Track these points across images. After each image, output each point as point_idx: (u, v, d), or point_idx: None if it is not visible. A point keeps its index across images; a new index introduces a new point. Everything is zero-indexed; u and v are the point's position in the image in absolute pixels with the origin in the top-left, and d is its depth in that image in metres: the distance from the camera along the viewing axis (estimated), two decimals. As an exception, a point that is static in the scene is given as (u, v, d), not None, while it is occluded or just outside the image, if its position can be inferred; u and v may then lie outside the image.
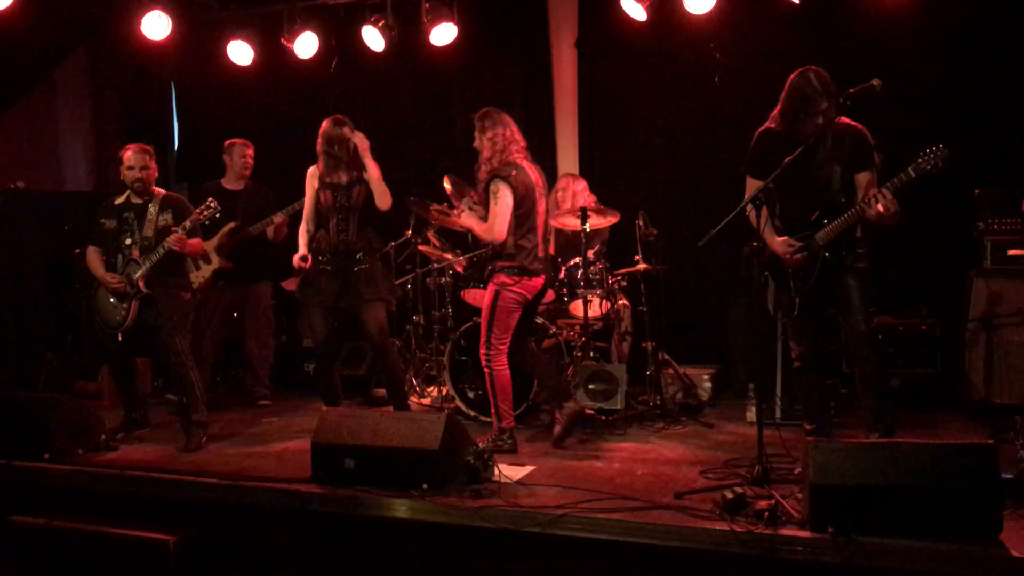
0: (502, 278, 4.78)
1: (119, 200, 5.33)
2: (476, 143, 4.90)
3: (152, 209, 5.21)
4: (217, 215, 5.13)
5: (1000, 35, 5.59)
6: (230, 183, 6.39)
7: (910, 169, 3.89)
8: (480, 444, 4.64)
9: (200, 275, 6.10)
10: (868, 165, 4.12)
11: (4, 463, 4.76)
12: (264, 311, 6.50)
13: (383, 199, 5.18)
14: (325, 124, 5.23)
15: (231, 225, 6.14)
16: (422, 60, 7.03)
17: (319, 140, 5.23)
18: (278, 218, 6.16)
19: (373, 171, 5.18)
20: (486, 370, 4.84)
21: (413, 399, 5.96)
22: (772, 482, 3.86)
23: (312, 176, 5.28)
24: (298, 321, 7.00)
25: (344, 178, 5.25)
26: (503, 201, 4.74)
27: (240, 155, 6.36)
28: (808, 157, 4.10)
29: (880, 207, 3.90)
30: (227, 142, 6.42)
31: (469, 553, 3.84)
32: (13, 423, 4.92)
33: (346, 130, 5.18)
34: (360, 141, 5.21)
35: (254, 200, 6.35)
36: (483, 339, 4.83)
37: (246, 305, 6.40)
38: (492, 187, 4.77)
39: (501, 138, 4.83)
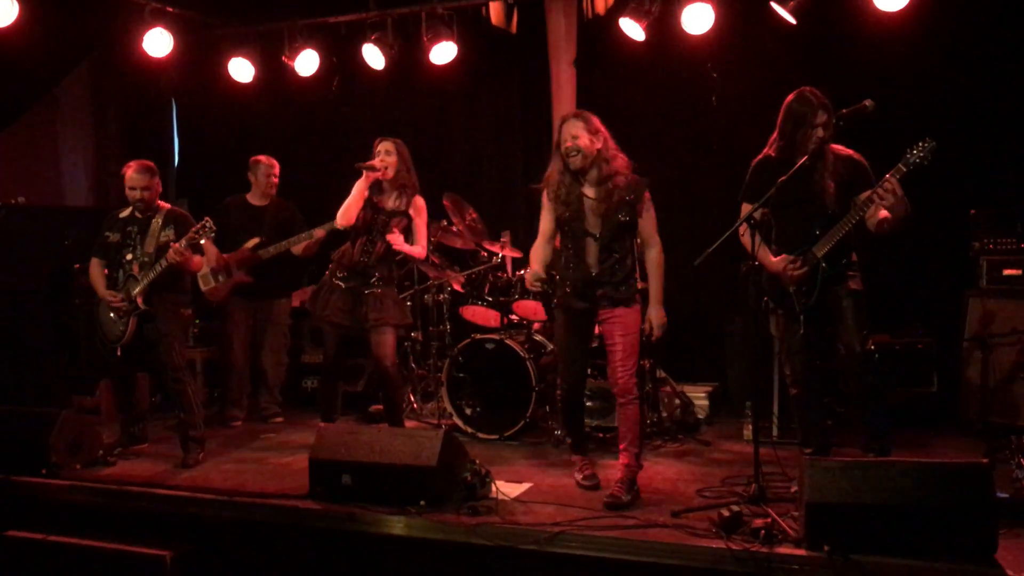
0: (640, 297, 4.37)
1: (124, 213, 5.33)
2: (587, 142, 4.28)
3: (155, 224, 5.20)
4: (212, 234, 5.03)
5: (996, 55, 5.64)
6: (255, 199, 6.35)
7: (900, 164, 3.98)
8: (624, 496, 4.09)
9: (219, 289, 6.11)
10: (868, 186, 4.15)
11: (2, 478, 4.76)
12: (283, 328, 6.47)
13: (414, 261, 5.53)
14: (377, 141, 5.20)
15: (255, 240, 6.15)
16: (422, 78, 7.07)
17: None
18: (319, 232, 5.98)
19: (412, 251, 5.23)
20: (637, 402, 4.32)
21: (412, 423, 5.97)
22: (768, 500, 3.87)
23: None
24: (299, 337, 7.01)
25: (389, 204, 5.19)
26: None
27: (265, 174, 6.29)
28: (803, 176, 4.14)
29: (888, 195, 3.95)
30: (252, 159, 6.35)
31: (466, 570, 3.85)
32: (11, 438, 4.92)
33: (377, 161, 5.11)
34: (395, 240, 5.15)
35: (280, 215, 6.32)
36: (634, 368, 4.29)
37: (266, 321, 6.37)
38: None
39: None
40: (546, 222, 4.45)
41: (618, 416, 4.41)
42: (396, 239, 5.12)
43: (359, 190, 5.06)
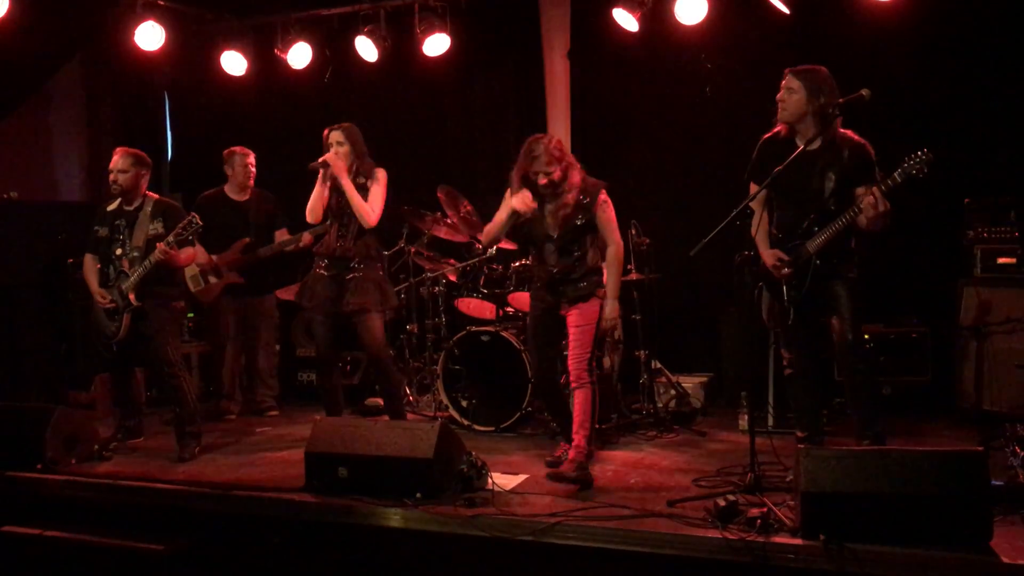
0: (604, 292, 4.61)
1: (111, 206, 5.29)
2: (558, 176, 4.52)
3: (144, 215, 5.17)
4: (200, 230, 5.03)
5: (990, 46, 5.64)
6: (234, 193, 6.29)
7: (896, 174, 3.90)
8: (570, 473, 4.27)
9: (210, 290, 6.10)
10: (869, 180, 4.07)
11: (-3, 474, 4.76)
12: (272, 323, 6.48)
13: (363, 219, 5.04)
14: (326, 131, 5.14)
15: (244, 241, 6.13)
16: (415, 70, 7.06)
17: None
18: (306, 237, 6.01)
19: (351, 192, 5.01)
20: (589, 387, 4.47)
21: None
22: (764, 490, 3.88)
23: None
24: (292, 331, 7.01)
25: None
26: None
27: (241, 164, 6.23)
28: (805, 165, 4.12)
29: (871, 209, 3.92)
30: (226, 151, 6.29)
31: (463, 561, 3.85)
32: (6, 433, 4.91)
33: (329, 156, 5.02)
34: (334, 163, 4.99)
35: (261, 209, 6.30)
36: (586, 356, 4.50)
37: (256, 317, 6.36)
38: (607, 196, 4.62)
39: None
40: (504, 212, 4.69)
41: (572, 400, 4.62)
42: (337, 164, 4.97)
43: (319, 186, 5.04)
